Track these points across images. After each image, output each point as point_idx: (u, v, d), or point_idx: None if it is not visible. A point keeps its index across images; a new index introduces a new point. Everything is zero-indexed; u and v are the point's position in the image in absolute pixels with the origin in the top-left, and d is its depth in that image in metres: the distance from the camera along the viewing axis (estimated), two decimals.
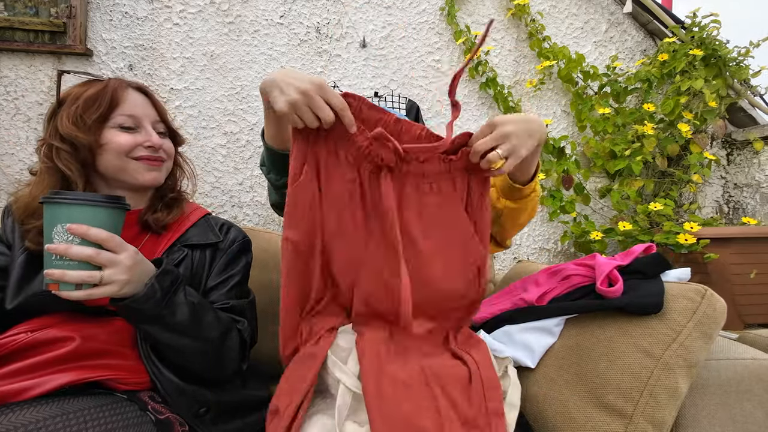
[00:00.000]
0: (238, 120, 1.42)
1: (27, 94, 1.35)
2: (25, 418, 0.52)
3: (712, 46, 1.36)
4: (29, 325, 0.65)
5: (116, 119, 0.74)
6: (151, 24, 1.38)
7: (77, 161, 0.72)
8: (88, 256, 0.56)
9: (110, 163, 0.74)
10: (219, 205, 1.42)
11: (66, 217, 0.56)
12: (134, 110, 0.76)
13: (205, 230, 0.82)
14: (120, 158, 0.74)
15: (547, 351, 0.80)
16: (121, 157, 0.74)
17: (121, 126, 0.75)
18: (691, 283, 0.71)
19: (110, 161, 0.74)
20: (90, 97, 0.73)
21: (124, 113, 0.75)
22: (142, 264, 0.62)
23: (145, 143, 0.76)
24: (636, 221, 1.30)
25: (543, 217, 1.53)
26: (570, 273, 0.84)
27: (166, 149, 0.80)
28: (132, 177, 0.76)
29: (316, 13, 1.45)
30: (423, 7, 1.49)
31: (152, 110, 0.79)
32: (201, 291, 0.77)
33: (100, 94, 0.73)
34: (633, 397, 0.64)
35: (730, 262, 1.14)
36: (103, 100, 0.73)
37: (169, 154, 0.81)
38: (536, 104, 1.53)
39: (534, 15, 1.51)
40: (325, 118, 0.60)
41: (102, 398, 0.61)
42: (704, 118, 1.35)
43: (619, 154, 1.36)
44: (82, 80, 0.77)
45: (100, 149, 0.73)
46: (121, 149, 0.74)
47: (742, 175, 1.47)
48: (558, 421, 0.70)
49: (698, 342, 0.63)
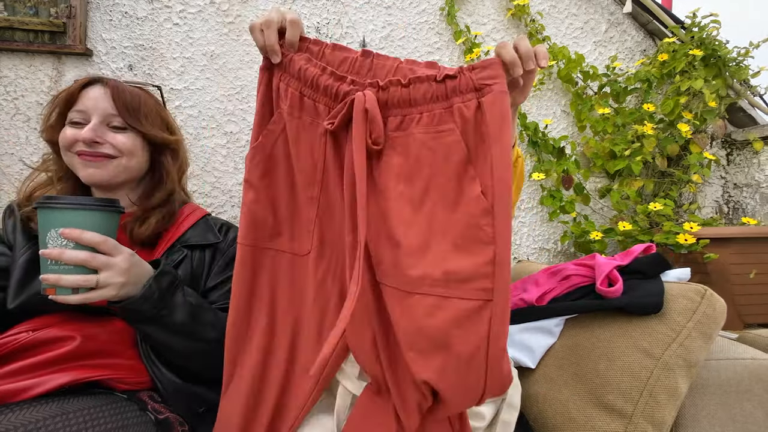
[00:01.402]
0: (238, 120, 1.42)
1: (27, 94, 1.34)
2: (25, 417, 0.52)
3: (711, 46, 1.36)
4: (30, 325, 0.65)
5: (69, 116, 0.73)
6: (151, 24, 1.38)
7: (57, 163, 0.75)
8: (82, 260, 0.56)
9: (65, 160, 0.74)
10: (219, 205, 1.42)
11: (59, 221, 0.56)
12: (85, 105, 0.72)
13: (204, 231, 0.82)
14: (66, 155, 0.73)
15: (547, 351, 0.80)
16: (66, 152, 0.73)
17: (71, 122, 0.73)
18: (691, 283, 0.71)
19: (64, 158, 0.74)
20: (55, 97, 0.74)
21: (76, 109, 0.73)
22: (138, 266, 0.62)
23: (80, 137, 0.71)
24: (636, 221, 1.30)
25: (543, 217, 1.53)
26: (570, 273, 0.84)
27: (115, 144, 0.73)
28: (77, 173, 0.74)
29: (316, 13, 1.45)
30: (423, 7, 1.49)
31: (108, 103, 0.73)
32: (201, 291, 0.78)
33: (62, 93, 0.74)
34: (633, 397, 0.64)
35: (730, 262, 1.14)
36: (62, 99, 0.73)
37: (120, 150, 0.73)
38: (536, 104, 1.53)
39: (534, 15, 1.51)
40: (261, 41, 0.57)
41: (102, 398, 0.61)
42: (704, 118, 1.35)
43: (618, 154, 1.36)
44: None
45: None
46: (63, 144, 0.73)
47: (742, 175, 1.47)
48: (558, 421, 0.70)
49: (698, 342, 0.63)
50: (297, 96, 0.58)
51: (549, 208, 1.50)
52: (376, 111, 0.53)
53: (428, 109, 0.55)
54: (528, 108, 1.52)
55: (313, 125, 0.58)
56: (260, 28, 0.57)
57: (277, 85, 0.60)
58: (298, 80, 0.58)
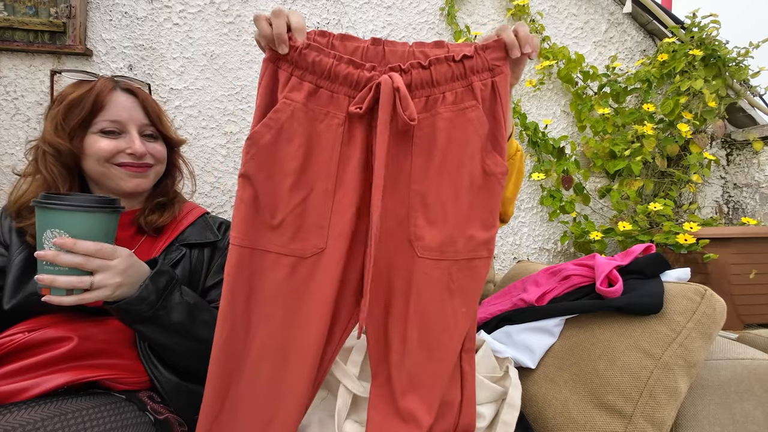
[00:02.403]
0: (238, 120, 1.42)
1: (27, 94, 1.34)
2: (23, 418, 0.52)
3: (711, 46, 1.36)
4: (27, 325, 0.65)
5: (99, 124, 0.71)
6: (151, 24, 1.38)
7: (61, 165, 0.71)
8: (76, 264, 0.55)
9: (94, 169, 0.73)
10: (219, 205, 1.42)
11: (56, 222, 0.55)
12: (118, 115, 0.73)
13: (203, 229, 0.82)
14: (102, 165, 0.72)
15: (547, 351, 0.80)
16: (102, 163, 0.72)
17: (102, 131, 0.72)
18: (691, 283, 0.71)
19: (93, 167, 0.73)
20: (72, 101, 0.70)
21: (108, 118, 0.72)
22: (136, 266, 0.61)
23: (127, 150, 0.73)
24: (636, 221, 1.30)
25: (543, 217, 1.53)
26: (569, 273, 0.84)
27: (154, 154, 0.77)
28: (115, 183, 0.74)
29: (316, 13, 1.45)
30: (423, 7, 1.49)
31: (140, 113, 0.75)
32: (199, 290, 0.77)
33: (83, 98, 0.71)
34: (633, 397, 0.64)
35: (730, 262, 1.14)
36: (86, 105, 0.70)
37: (158, 159, 0.78)
38: (536, 104, 1.53)
39: (534, 15, 1.51)
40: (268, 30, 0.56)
41: (100, 398, 0.61)
42: (704, 118, 1.35)
43: (618, 154, 1.36)
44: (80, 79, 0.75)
45: (83, 155, 0.72)
46: (101, 156, 0.71)
47: (742, 176, 1.47)
48: (558, 421, 0.70)
49: (698, 342, 0.63)
50: (312, 88, 0.57)
51: (549, 208, 1.50)
52: (405, 89, 0.55)
53: (450, 88, 0.57)
54: (528, 108, 1.52)
55: (329, 116, 0.57)
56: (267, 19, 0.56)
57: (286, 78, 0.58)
58: (312, 73, 0.57)
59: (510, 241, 1.52)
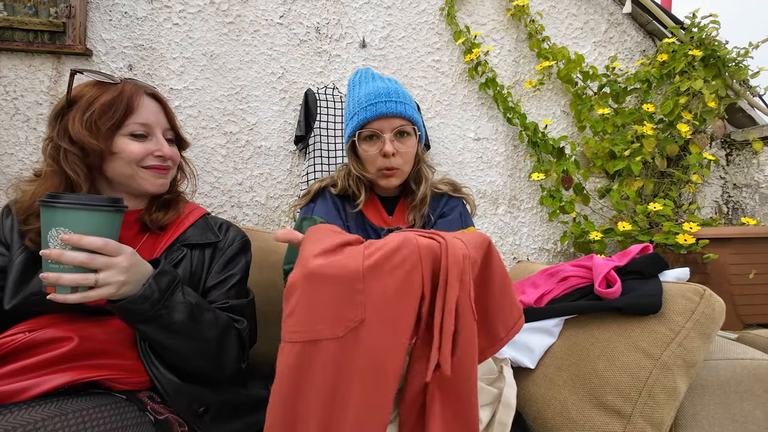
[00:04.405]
0: (237, 120, 1.42)
1: (26, 94, 1.35)
2: (24, 418, 0.52)
3: (711, 46, 1.36)
4: (27, 325, 0.65)
5: (129, 127, 0.74)
6: (151, 24, 1.38)
7: (85, 165, 0.72)
8: (81, 262, 0.56)
9: (119, 170, 0.74)
10: (219, 205, 1.42)
11: (61, 221, 0.56)
12: (147, 118, 0.75)
13: (204, 230, 0.82)
14: (130, 167, 0.74)
15: (546, 351, 0.80)
16: (132, 165, 0.74)
17: (132, 134, 0.74)
18: (690, 283, 0.71)
19: (119, 168, 0.74)
20: (105, 103, 0.71)
21: (138, 121, 0.74)
22: (139, 265, 0.61)
23: (156, 152, 0.76)
24: (635, 221, 1.30)
25: (542, 217, 1.53)
26: (568, 274, 0.84)
27: (173, 156, 0.80)
28: (139, 185, 0.76)
29: (316, 13, 1.45)
30: (423, 8, 1.49)
31: (164, 118, 0.79)
32: (200, 290, 0.77)
33: (115, 101, 0.72)
34: (632, 397, 0.64)
35: (729, 262, 1.14)
36: (119, 107, 0.72)
37: (175, 161, 0.82)
38: (536, 104, 1.53)
39: (533, 15, 1.51)
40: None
41: (101, 398, 0.61)
42: (703, 118, 1.35)
43: (618, 155, 1.36)
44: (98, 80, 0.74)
45: (111, 156, 0.73)
46: (132, 158, 0.74)
47: (741, 176, 1.47)
48: (557, 422, 0.70)
49: (697, 342, 0.63)
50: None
51: (549, 209, 1.50)
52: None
53: None
54: (528, 108, 1.52)
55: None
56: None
57: None
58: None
59: (510, 241, 1.52)
